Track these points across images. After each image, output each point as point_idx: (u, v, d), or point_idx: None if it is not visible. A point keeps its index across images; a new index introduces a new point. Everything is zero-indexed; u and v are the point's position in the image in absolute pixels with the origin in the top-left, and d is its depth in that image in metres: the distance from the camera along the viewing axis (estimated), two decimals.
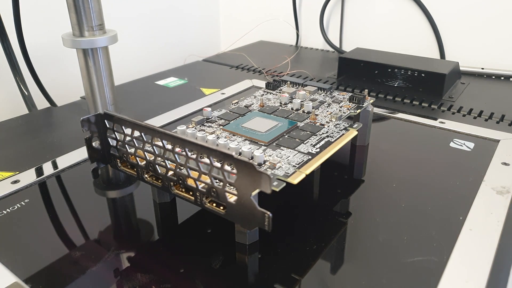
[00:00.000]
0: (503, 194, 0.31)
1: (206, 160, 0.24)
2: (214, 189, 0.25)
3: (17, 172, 0.35)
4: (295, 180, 0.26)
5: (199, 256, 0.26)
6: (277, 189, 0.25)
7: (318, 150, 0.29)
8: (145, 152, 0.28)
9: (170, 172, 0.27)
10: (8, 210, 0.30)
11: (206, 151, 0.24)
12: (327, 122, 0.34)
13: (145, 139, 0.27)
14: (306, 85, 0.41)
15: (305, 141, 0.30)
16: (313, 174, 0.28)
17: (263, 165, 0.27)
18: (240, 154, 0.28)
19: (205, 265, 0.26)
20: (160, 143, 0.26)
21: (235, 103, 0.37)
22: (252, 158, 0.28)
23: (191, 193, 0.26)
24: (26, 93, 0.50)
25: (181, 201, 0.27)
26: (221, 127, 0.33)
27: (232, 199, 0.24)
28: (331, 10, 0.74)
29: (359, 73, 0.57)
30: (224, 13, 0.87)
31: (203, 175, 0.25)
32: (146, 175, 0.29)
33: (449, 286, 0.23)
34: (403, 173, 0.35)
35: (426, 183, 0.34)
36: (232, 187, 0.24)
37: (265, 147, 0.30)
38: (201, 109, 0.36)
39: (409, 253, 0.26)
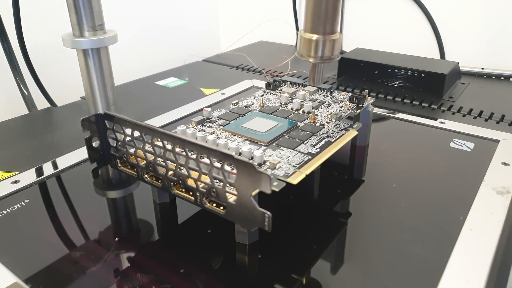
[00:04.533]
0: (503, 194, 0.31)
1: (206, 160, 0.24)
2: (214, 189, 0.25)
3: (17, 172, 0.35)
4: (295, 180, 0.26)
5: (199, 256, 0.26)
6: (277, 189, 0.25)
7: (318, 150, 0.29)
8: (145, 152, 0.28)
9: (170, 172, 0.27)
10: (8, 210, 0.30)
11: (206, 151, 0.24)
12: (327, 122, 0.34)
13: (145, 139, 0.27)
14: (306, 85, 0.41)
15: (305, 141, 0.30)
16: (313, 174, 0.28)
17: (263, 165, 0.27)
18: (240, 154, 0.28)
19: (205, 265, 0.26)
20: (160, 143, 0.26)
21: (235, 103, 0.37)
22: (252, 158, 0.28)
23: (191, 193, 0.26)
24: (26, 93, 0.50)
25: (181, 201, 0.27)
26: (221, 127, 0.33)
27: (232, 199, 0.24)
28: None
29: (359, 73, 0.57)
30: (224, 13, 0.87)
31: (203, 175, 0.25)
32: (146, 175, 0.29)
33: (449, 286, 0.23)
34: (403, 173, 0.35)
35: (426, 183, 0.34)
36: (232, 187, 0.24)
37: (265, 147, 0.30)
38: (201, 109, 0.36)
39: (409, 253, 0.26)
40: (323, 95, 0.39)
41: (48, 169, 0.36)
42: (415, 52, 0.61)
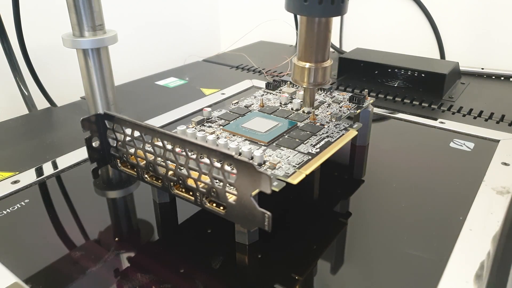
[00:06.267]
0: (503, 194, 0.31)
1: (206, 160, 0.24)
2: (214, 189, 0.25)
3: (17, 172, 0.35)
4: (295, 180, 0.26)
5: (199, 256, 0.26)
6: (277, 189, 0.25)
7: (318, 150, 0.29)
8: (145, 152, 0.28)
9: (170, 172, 0.27)
10: (8, 210, 0.30)
11: (206, 151, 0.24)
12: (327, 122, 0.34)
13: (145, 139, 0.27)
14: None
15: (305, 141, 0.30)
16: (313, 174, 0.28)
17: (263, 165, 0.27)
18: (240, 154, 0.28)
19: (205, 265, 0.26)
20: (160, 143, 0.26)
21: (235, 103, 0.37)
22: (252, 158, 0.28)
23: (191, 193, 0.26)
24: (26, 93, 0.50)
25: (181, 201, 0.27)
26: (221, 127, 0.33)
27: (232, 199, 0.24)
28: None
29: (359, 73, 0.57)
30: (224, 13, 0.87)
31: (203, 175, 0.25)
32: (146, 175, 0.29)
33: (449, 286, 0.23)
34: (403, 173, 0.35)
35: (426, 183, 0.34)
36: (232, 187, 0.24)
37: (265, 147, 0.30)
38: (201, 109, 0.36)
39: (409, 253, 0.26)
40: (323, 95, 0.39)
41: (48, 169, 0.36)
42: (415, 52, 0.61)
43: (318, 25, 0.30)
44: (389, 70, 0.56)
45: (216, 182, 0.25)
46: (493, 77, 0.59)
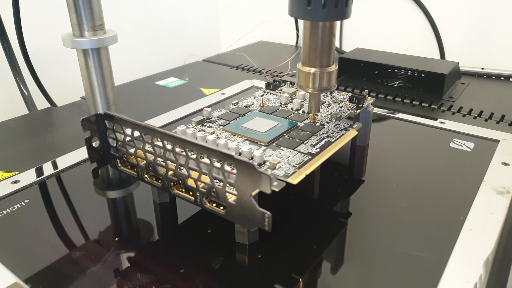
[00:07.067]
0: (503, 194, 0.31)
1: (206, 160, 0.24)
2: (214, 189, 0.25)
3: (17, 172, 0.35)
4: (295, 180, 0.26)
5: (199, 256, 0.26)
6: (277, 189, 0.25)
7: (318, 150, 0.29)
8: (145, 152, 0.28)
9: (170, 172, 0.27)
10: (8, 210, 0.30)
11: (206, 151, 0.24)
12: (327, 122, 0.34)
13: (145, 139, 0.27)
14: None
15: (305, 141, 0.30)
16: (313, 174, 0.28)
17: (263, 165, 0.27)
18: (240, 154, 0.28)
19: (205, 265, 0.26)
20: (160, 143, 0.26)
21: (235, 103, 0.37)
22: (252, 158, 0.28)
23: (191, 193, 0.26)
24: (26, 93, 0.50)
25: (181, 201, 0.27)
26: (221, 127, 0.33)
27: (232, 199, 0.24)
28: None
29: (359, 73, 0.57)
30: (224, 13, 0.87)
31: (203, 175, 0.25)
32: (146, 175, 0.29)
33: (449, 286, 0.23)
34: (403, 173, 0.35)
35: (426, 183, 0.34)
36: (232, 187, 0.24)
37: (265, 147, 0.30)
38: (201, 109, 0.36)
39: (409, 253, 0.26)
40: (323, 95, 0.39)
41: (48, 169, 0.36)
42: (415, 52, 0.61)
43: (322, 29, 0.29)
44: (389, 70, 0.56)
45: (216, 182, 0.25)
46: (493, 77, 0.59)
